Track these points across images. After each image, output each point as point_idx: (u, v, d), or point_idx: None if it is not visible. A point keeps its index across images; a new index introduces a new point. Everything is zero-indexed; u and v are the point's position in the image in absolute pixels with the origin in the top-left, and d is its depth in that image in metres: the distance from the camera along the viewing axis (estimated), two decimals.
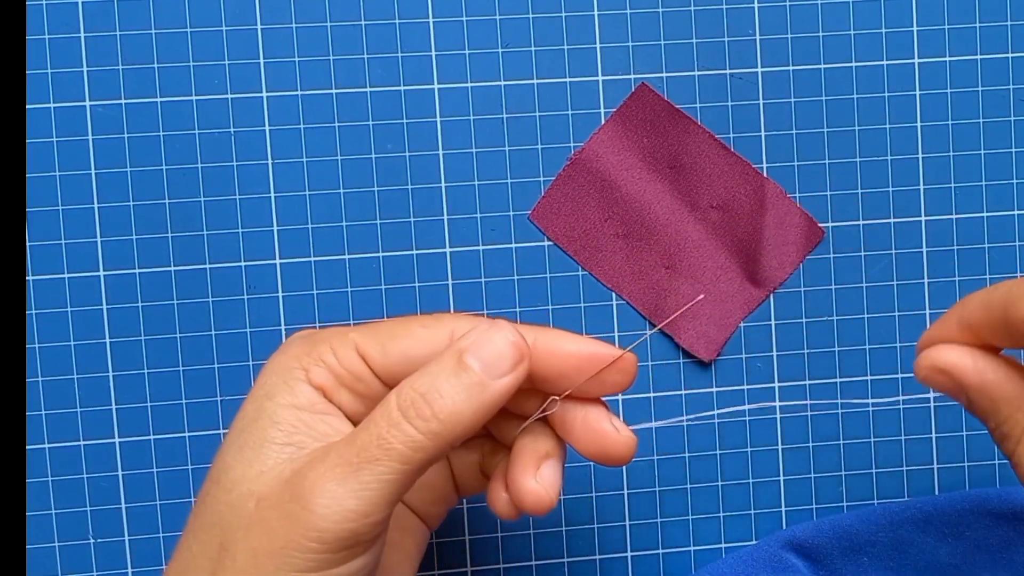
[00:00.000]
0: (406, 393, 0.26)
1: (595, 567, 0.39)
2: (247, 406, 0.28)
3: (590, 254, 0.39)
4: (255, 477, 0.26)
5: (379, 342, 0.28)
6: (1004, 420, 0.25)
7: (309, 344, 0.28)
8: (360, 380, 0.28)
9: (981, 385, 0.26)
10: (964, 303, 0.26)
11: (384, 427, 0.25)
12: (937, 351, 0.26)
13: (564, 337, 0.28)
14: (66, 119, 0.37)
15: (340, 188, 0.38)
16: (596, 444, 0.28)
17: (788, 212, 0.39)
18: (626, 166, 0.39)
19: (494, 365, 0.26)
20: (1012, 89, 0.39)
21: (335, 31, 0.38)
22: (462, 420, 0.26)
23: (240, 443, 0.27)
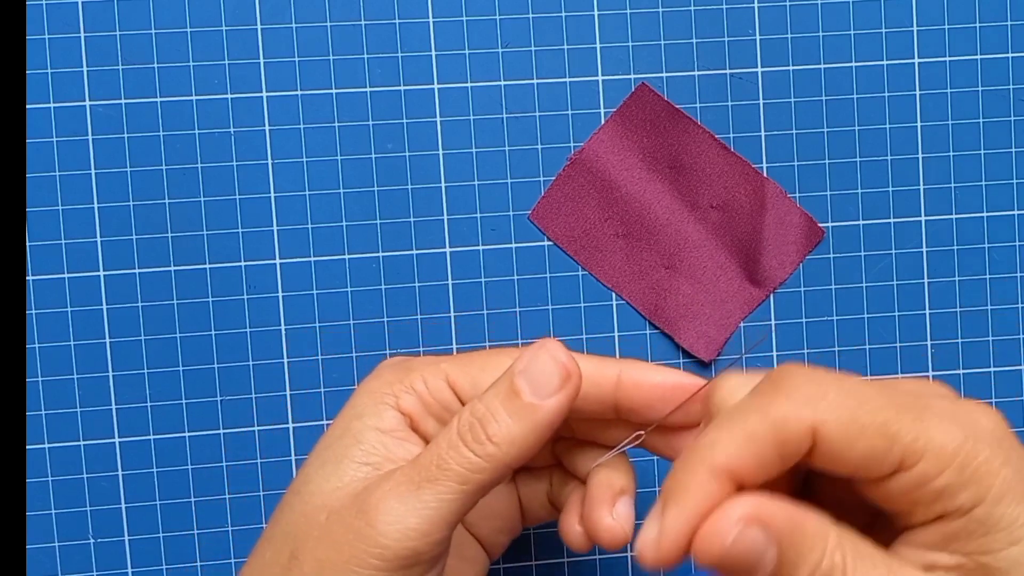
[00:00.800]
0: (464, 417, 0.27)
1: (595, 567, 0.39)
2: (336, 423, 0.29)
3: (590, 254, 0.39)
4: (330, 491, 0.27)
5: (469, 373, 0.29)
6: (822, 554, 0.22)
7: (402, 371, 0.29)
8: (449, 410, 0.29)
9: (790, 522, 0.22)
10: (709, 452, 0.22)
11: (444, 449, 0.27)
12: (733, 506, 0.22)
13: (648, 368, 0.29)
14: (66, 119, 0.37)
15: (340, 188, 0.38)
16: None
17: (788, 212, 0.39)
18: (626, 166, 0.39)
19: (542, 386, 0.27)
20: (1012, 89, 0.39)
21: (335, 31, 0.38)
22: (515, 442, 0.27)
23: (323, 458, 0.28)
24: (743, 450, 0.22)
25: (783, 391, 0.23)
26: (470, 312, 0.38)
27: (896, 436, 0.22)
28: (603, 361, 0.29)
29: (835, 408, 0.22)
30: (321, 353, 0.38)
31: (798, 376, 0.23)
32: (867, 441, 0.22)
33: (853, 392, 0.23)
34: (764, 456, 0.22)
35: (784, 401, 0.22)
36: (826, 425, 0.22)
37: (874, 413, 0.22)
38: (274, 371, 0.38)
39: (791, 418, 0.22)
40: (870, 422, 0.22)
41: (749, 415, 0.23)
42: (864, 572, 0.22)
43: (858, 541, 0.23)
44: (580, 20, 0.38)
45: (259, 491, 0.38)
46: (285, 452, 0.38)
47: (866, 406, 0.22)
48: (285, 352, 0.38)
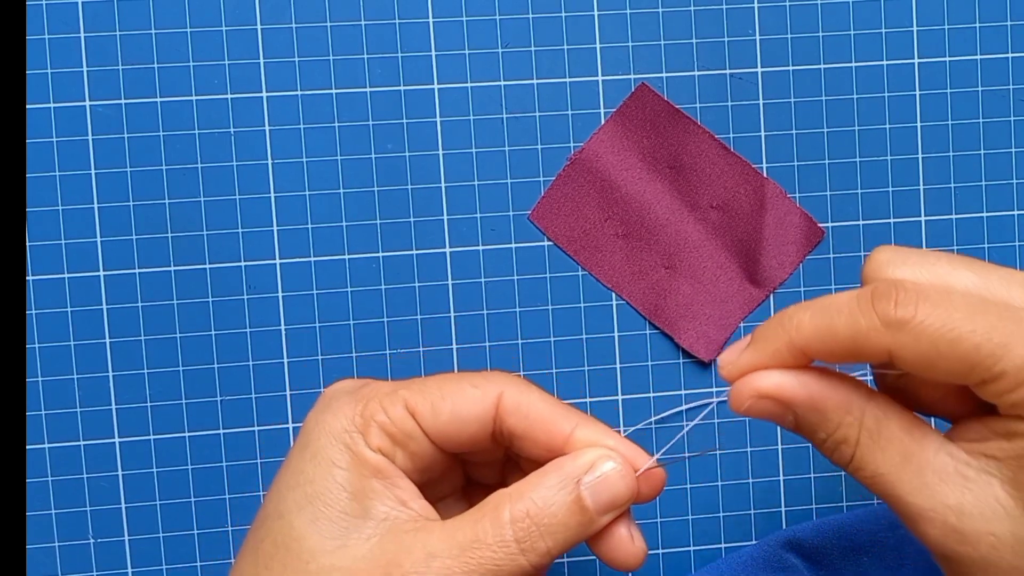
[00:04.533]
0: (521, 521, 0.27)
1: (595, 567, 0.39)
2: (309, 468, 0.28)
3: (590, 254, 0.39)
4: (338, 551, 0.26)
5: (428, 400, 0.28)
6: (837, 427, 0.25)
7: (359, 402, 0.28)
8: (412, 439, 0.28)
9: (810, 401, 0.25)
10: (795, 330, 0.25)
11: (499, 554, 0.26)
12: (758, 378, 0.26)
13: (605, 433, 0.28)
14: (66, 119, 0.37)
15: (340, 188, 0.38)
16: (609, 548, 0.28)
17: (788, 212, 0.39)
18: (626, 166, 0.39)
19: (608, 506, 0.27)
20: (1012, 89, 0.39)
21: (335, 31, 0.38)
22: (564, 550, 0.27)
23: (313, 512, 0.27)
24: (821, 344, 0.25)
25: (878, 305, 0.24)
26: (470, 312, 0.38)
27: (975, 361, 0.23)
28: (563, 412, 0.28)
29: (915, 336, 0.24)
30: (321, 353, 0.38)
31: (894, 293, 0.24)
32: (946, 364, 0.24)
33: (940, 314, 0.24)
34: (839, 354, 0.25)
35: (870, 316, 0.24)
36: (904, 349, 0.24)
37: (955, 344, 0.23)
38: (274, 371, 0.38)
39: (872, 337, 0.24)
40: (949, 350, 0.23)
41: (841, 315, 0.24)
42: (873, 447, 0.25)
43: (887, 420, 0.25)
44: (580, 20, 0.38)
45: (259, 491, 0.38)
46: (285, 452, 0.38)
47: (948, 335, 0.23)
48: (285, 352, 0.38)
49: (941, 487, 0.24)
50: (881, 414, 0.25)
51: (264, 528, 0.28)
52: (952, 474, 0.24)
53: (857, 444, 0.25)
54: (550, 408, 0.28)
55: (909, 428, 0.25)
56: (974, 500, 0.24)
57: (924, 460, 0.25)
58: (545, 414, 0.28)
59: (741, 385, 0.26)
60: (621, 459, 0.27)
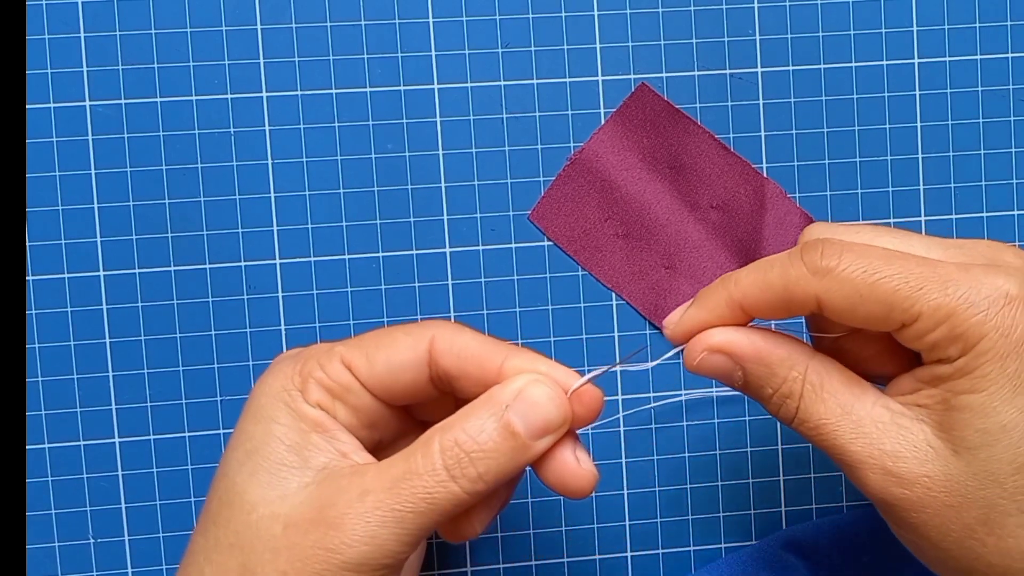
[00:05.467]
0: (450, 450, 0.27)
1: (595, 567, 0.39)
2: (250, 427, 0.28)
3: (590, 254, 0.39)
4: (277, 500, 0.27)
5: (363, 353, 0.28)
6: (782, 381, 0.27)
7: (298, 362, 0.29)
8: (350, 392, 0.28)
9: (757, 355, 0.27)
10: (734, 285, 0.27)
11: (430, 482, 0.26)
12: (709, 335, 0.28)
13: (534, 359, 0.28)
14: (66, 119, 0.37)
15: (340, 188, 0.38)
16: (556, 475, 0.28)
17: (788, 212, 0.39)
18: (626, 166, 0.39)
19: (539, 428, 0.27)
20: (1012, 89, 0.39)
21: (335, 31, 0.38)
22: (500, 479, 0.27)
23: (252, 466, 0.27)
24: (756, 296, 0.27)
25: (805, 256, 0.26)
26: (470, 312, 0.38)
27: (893, 303, 0.25)
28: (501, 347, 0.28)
29: (839, 281, 0.26)
30: None
31: (821, 246, 0.26)
32: (866, 308, 0.26)
33: (862, 262, 0.26)
34: (772, 304, 0.27)
35: (799, 267, 0.26)
36: (829, 295, 0.26)
37: (874, 287, 0.26)
38: None
39: (800, 284, 0.26)
40: (869, 294, 0.26)
41: (773, 268, 0.27)
42: (816, 399, 0.27)
43: (828, 375, 0.27)
44: (580, 20, 0.38)
45: None
46: None
47: (869, 279, 0.26)
48: None
49: (879, 435, 0.26)
50: (823, 369, 0.27)
51: (212, 489, 0.28)
52: (888, 423, 0.26)
53: (801, 397, 0.27)
54: (481, 344, 0.28)
55: (848, 383, 0.27)
56: (909, 445, 0.26)
57: (863, 411, 0.27)
58: (476, 350, 0.28)
59: (693, 343, 0.28)
60: (550, 382, 0.27)
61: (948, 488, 0.26)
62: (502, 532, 0.39)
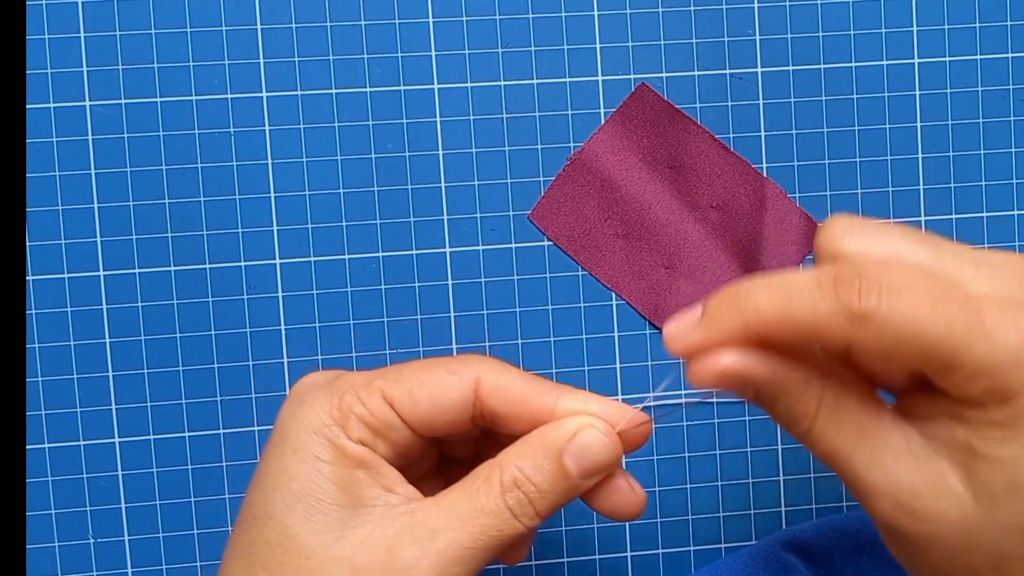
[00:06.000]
0: (511, 493, 0.28)
1: (595, 567, 0.39)
2: (292, 466, 0.28)
3: (590, 254, 0.39)
4: (335, 543, 0.27)
5: (405, 389, 0.28)
6: (796, 401, 0.25)
7: (335, 395, 0.28)
8: (392, 428, 0.28)
9: (772, 378, 0.25)
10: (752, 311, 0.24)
11: (497, 522, 0.28)
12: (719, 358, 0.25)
13: (588, 399, 0.29)
14: (66, 119, 0.37)
15: (340, 188, 0.38)
16: (611, 502, 0.29)
17: (788, 212, 0.39)
18: (626, 166, 0.39)
19: (591, 471, 0.28)
20: (1012, 89, 0.39)
21: (335, 31, 0.38)
22: (557, 508, 0.29)
23: (305, 509, 0.27)
24: (777, 327, 0.24)
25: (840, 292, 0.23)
26: (470, 312, 0.38)
27: (934, 354, 0.23)
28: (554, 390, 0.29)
29: (879, 328, 0.23)
30: (321, 353, 0.38)
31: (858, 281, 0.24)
32: (903, 355, 0.23)
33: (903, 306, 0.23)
34: (794, 340, 0.25)
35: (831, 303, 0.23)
36: (864, 341, 0.23)
37: (916, 337, 0.23)
38: (274, 371, 0.38)
39: (831, 326, 0.23)
40: (910, 343, 0.23)
41: (802, 299, 0.24)
42: (831, 422, 0.25)
43: (845, 397, 0.25)
44: (580, 20, 0.38)
45: None
46: None
47: (910, 327, 0.23)
48: (285, 352, 0.38)
49: (894, 465, 0.25)
50: (840, 389, 0.25)
51: (255, 530, 0.28)
52: (905, 453, 0.25)
53: (815, 418, 0.25)
54: (530, 385, 0.29)
55: (866, 406, 0.25)
56: (925, 479, 0.24)
57: (879, 437, 0.25)
58: (526, 392, 0.28)
59: (702, 364, 0.26)
60: (602, 424, 0.28)
61: (962, 530, 0.24)
62: None
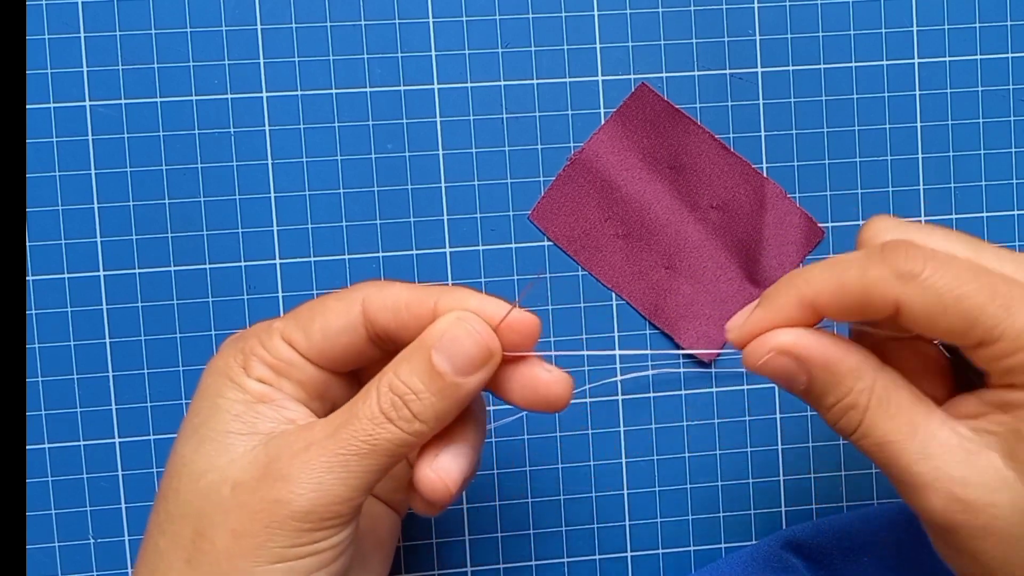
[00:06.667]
0: (384, 395, 0.27)
1: (595, 567, 0.39)
2: (198, 404, 0.29)
3: (590, 254, 0.39)
4: (225, 465, 0.27)
5: (300, 325, 0.29)
6: (848, 391, 0.26)
7: (239, 341, 0.29)
8: (294, 366, 0.29)
9: (825, 361, 0.26)
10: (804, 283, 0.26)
11: (370, 426, 0.27)
12: (776, 335, 0.26)
13: (465, 295, 0.28)
14: (66, 119, 0.37)
15: (340, 188, 0.38)
16: (530, 391, 0.28)
17: (788, 212, 0.39)
18: (626, 166, 0.39)
19: (463, 365, 0.27)
20: (1012, 89, 0.39)
21: (335, 31, 0.38)
22: (439, 417, 0.27)
23: (199, 438, 0.28)
24: (831, 295, 0.26)
25: (888, 257, 0.25)
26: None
27: (977, 320, 0.24)
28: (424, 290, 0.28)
29: (923, 289, 0.24)
30: None
31: (904, 248, 0.25)
32: (948, 320, 0.24)
33: (948, 272, 0.25)
34: (848, 306, 0.26)
35: (880, 268, 0.25)
36: (911, 301, 0.25)
37: (960, 300, 0.24)
38: None
39: (880, 287, 0.25)
40: (954, 306, 0.24)
41: (851, 268, 0.25)
42: (882, 414, 0.26)
43: (896, 390, 0.26)
44: (580, 20, 0.38)
45: None
46: None
47: (955, 291, 0.24)
48: None
49: (946, 458, 0.25)
50: (891, 383, 0.26)
51: (164, 468, 0.29)
52: (956, 447, 0.25)
53: (867, 410, 0.26)
54: (411, 292, 0.28)
55: (917, 400, 0.26)
56: (977, 472, 0.25)
57: (930, 432, 0.25)
58: (407, 299, 0.28)
59: (758, 342, 0.27)
60: (474, 318, 0.27)
61: (1016, 519, 0.24)
62: (502, 532, 0.39)
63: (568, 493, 0.39)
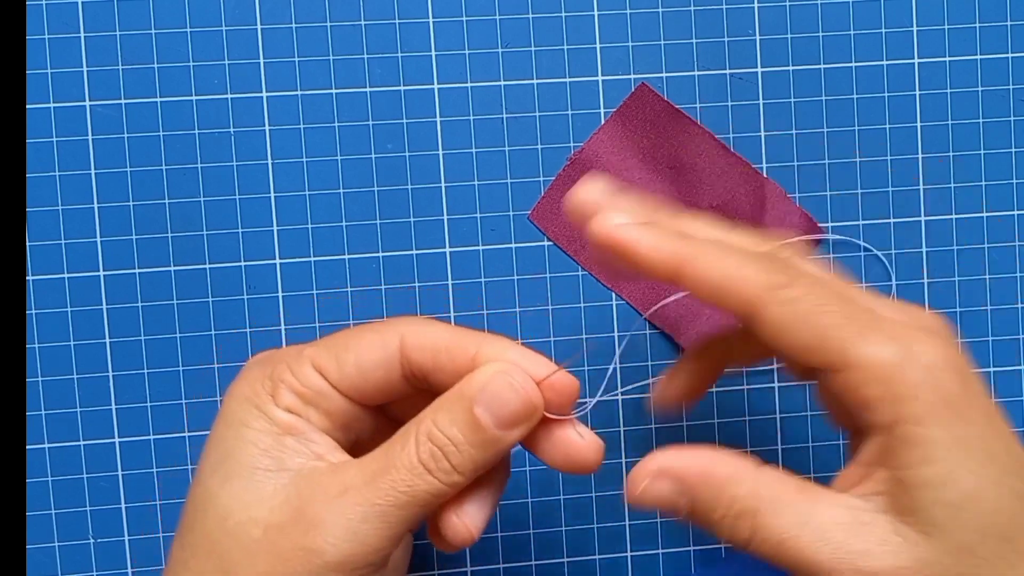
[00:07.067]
0: (424, 445, 0.27)
1: (595, 567, 0.39)
2: (222, 432, 0.28)
3: (590, 254, 0.39)
4: (253, 503, 0.26)
5: (333, 355, 0.28)
6: (732, 500, 0.25)
7: (267, 367, 0.28)
8: (323, 396, 0.28)
9: (702, 473, 0.26)
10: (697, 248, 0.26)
11: (408, 477, 0.26)
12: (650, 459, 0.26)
13: (507, 347, 0.28)
14: (66, 119, 0.37)
15: (340, 188, 0.38)
16: (561, 452, 0.28)
17: (788, 212, 0.39)
18: (626, 166, 0.39)
19: (506, 419, 0.27)
20: (1012, 89, 0.39)
21: (335, 31, 0.38)
22: (477, 469, 0.27)
23: (225, 472, 0.27)
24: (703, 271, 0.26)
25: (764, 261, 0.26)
26: (470, 312, 0.38)
27: (828, 339, 0.24)
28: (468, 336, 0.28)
29: (783, 300, 0.25)
30: None
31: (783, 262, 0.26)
32: (800, 334, 0.25)
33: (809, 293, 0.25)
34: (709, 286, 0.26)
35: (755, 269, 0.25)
36: (768, 309, 0.25)
37: (818, 315, 0.25)
38: None
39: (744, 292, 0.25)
40: (808, 323, 0.25)
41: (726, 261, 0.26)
42: (772, 513, 0.25)
43: (779, 485, 0.25)
44: (580, 20, 0.38)
45: None
46: None
47: (814, 307, 0.25)
48: None
49: (844, 538, 0.24)
50: (773, 480, 0.26)
51: (187, 497, 0.28)
52: (850, 523, 0.25)
53: (756, 513, 0.25)
54: (452, 335, 0.28)
55: (801, 489, 0.25)
56: (876, 541, 0.24)
57: (822, 516, 0.25)
58: (448, 342, 0.28)
59: (635, 472, 0.26)
60: (518, 372, 0.27)
61: (928, 572, 0.24)
62: (502, 532, 0.39)
63: (568, 493, 0.39)
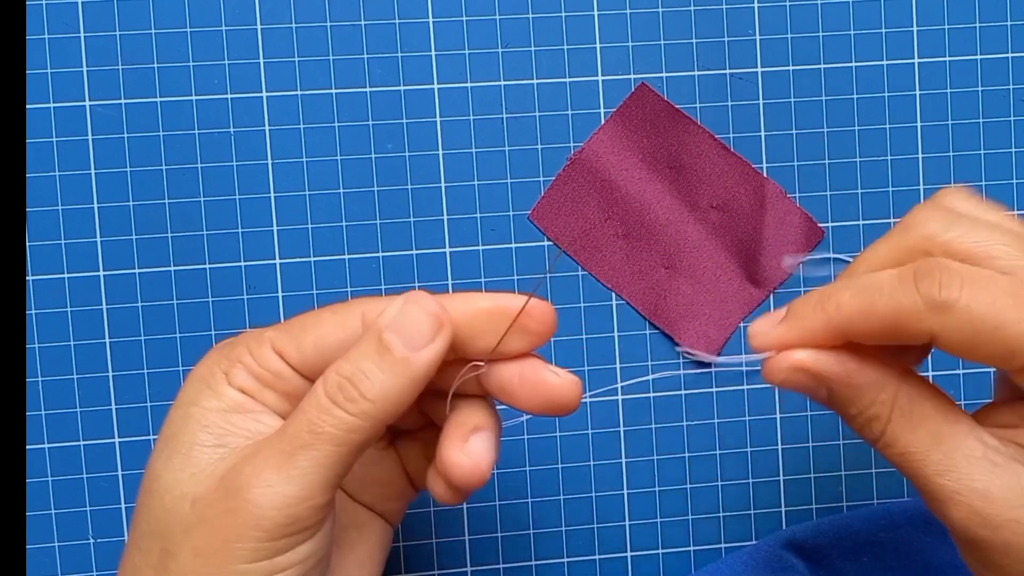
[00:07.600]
0: (331, 379, 0.26)
1: (595, 567, 0.39)
2: (172, 414, 0.28)
3: (590, 254, 0.39)
4: (187, 480, 0.26)
5: (292, 336, 0.28)
6: (870, 404, 0.26)
7: (227, 348, 0.28)
8: (281, 378, 0.27)
9: (846, 378, 0.26)
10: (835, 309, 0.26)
11: (314, 414, 0.25)
12: (794, 355, 0.26)
13: (473, 296, 0.27)
14: (66, 119, 0.37)
15: (340, 188, 0.38)
16: (539, 395, 0.27)
17: (788, 212, 0.39)
18: (626, 166, 0.39)
19: (415, 338, 0.26)
20: (1012, 89, 0.39)
21: (335, 31, 0.38)
22: (391, 398, 0.26)
23: (169, 451, 0.27)
24: (860, 323, 0.25)
25: (921, 286, 0.24)
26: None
27: (1017, 350, 0.23)
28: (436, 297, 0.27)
29: (958, 320, 0.24)
30: None
31: (939, 274, 0.24)
32: (986, 350, 0.24)
33: (985, 300, 0.24)
34: (878, 334, 0.25)
35: (912, 297, 0.24)
36: (946, 333, 0.24)
37: (998, 330, 0.24)
38: None
39: (914, 318, 0.24)
40: (991, 337, 0.24)
41: (882, 295, 0.25)
42: (904, 425, 0.25)
43: (919, 401, 0.26)
44: (580, 20, 0.38)
45: None
46: None
47: (992, 321, 0.24)
48: None
49: (969, 470, 0.24)
50: (915, 393, 0.26)
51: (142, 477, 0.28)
52: (980, 458, 0.25)
53: (889, 421, 0.26)
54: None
55: (942, 409, 0.26)
56: (1001, 485, 0.24)
57: (954, 442, 0.25)
58: None
59: (779, 359, 0.26)
60: (423, 295, 0.26)
61: None
62: (502, 532, 0.39)
63: (568, 493, 0.39)
